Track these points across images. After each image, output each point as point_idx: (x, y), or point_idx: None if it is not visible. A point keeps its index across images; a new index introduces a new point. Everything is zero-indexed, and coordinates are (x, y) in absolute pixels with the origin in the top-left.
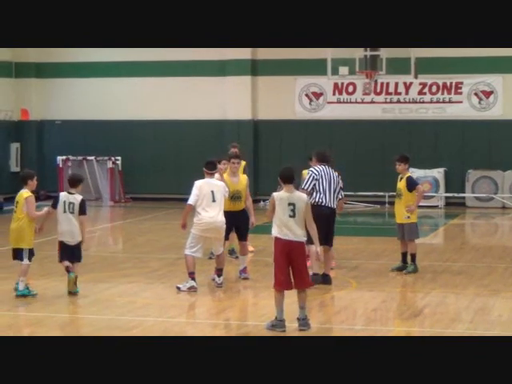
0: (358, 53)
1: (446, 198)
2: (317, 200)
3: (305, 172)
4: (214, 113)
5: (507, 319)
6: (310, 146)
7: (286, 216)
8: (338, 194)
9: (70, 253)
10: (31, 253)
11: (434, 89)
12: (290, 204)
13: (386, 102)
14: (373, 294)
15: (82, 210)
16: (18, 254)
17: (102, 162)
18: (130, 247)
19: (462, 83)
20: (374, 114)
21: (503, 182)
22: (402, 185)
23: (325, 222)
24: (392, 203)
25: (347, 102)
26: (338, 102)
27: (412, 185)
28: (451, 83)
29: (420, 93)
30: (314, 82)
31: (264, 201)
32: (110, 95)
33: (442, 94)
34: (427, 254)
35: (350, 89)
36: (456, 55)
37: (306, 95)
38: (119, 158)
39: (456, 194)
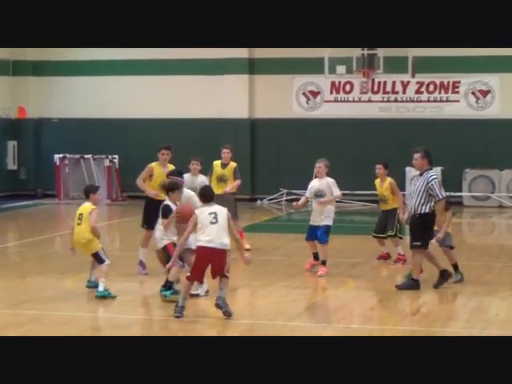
0: (355, 52)
1: None
2: None
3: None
4: (212, 111)
5: (504, 318)
6: (307, 144)
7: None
8: None
9: None
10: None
11: (432, 88)
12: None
13: (383, 101)
14: (370, 293)
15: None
16: (97, 258)
17: (99, 161)
18: (127, 245)
19: (459, 82)
20: (371, 113)
21: (500, 181)
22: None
23: None
24: None
25: (344, 101)
26: (336, 100)
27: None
28: (448, 82)
29: (417, 92)
30: (311, 80)
31: (261, 199)
32: (107, 93)
33: (440, 93)
34: None
35: (348, 88)
36: (453, 54)
37: (304, 94)
38: (116, 156)
39: (453, 193)
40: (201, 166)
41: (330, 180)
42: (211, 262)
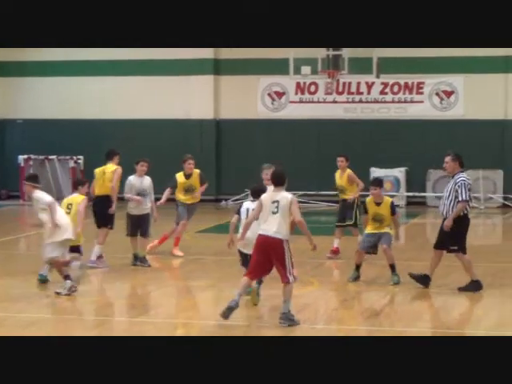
0: (320, 52)
1: (407, 197)
2: None
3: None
4: (177, 112)
5: (468, 318)
6: (273, 145)
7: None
8: None
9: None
10: None
11: (396, 88)
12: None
13: (347, 102)
14: (334, 293)
15: None
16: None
17: (63, 162)
18: (91, 247)
19: (423, 83)
20: (336, 114)
21: None
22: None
23: None
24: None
25: (309, 102)
26: (301, 101)
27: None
28: (413, 83)
29: (382, 92)
30: (276, 81)
31: (226, 200)
32: (72, 94)
33: (404, 93)
34: None
35: (312, 88)
36: (418, 55)
37: (269, 95)
38: (81, 157)
39: (417, 194)
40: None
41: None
42: (269, 252)
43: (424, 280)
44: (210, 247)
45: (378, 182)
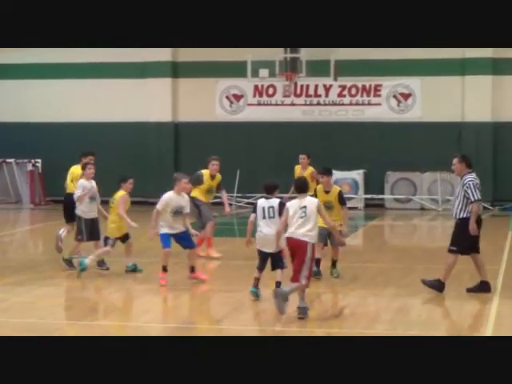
0: (278, 55)
1: (366, 199)
2: None
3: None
4: (135, 115)
5: (426, 319)
6: (231, 147)
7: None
8: None
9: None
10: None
11: (354, 91)
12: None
13: (306, 105)
14: (293, 295)
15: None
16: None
17: (21, 165)
18: (50, 250)
19: (381, 85)
20: (294, 116)
21: (422, 183)
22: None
23: None
24: None
25: (267, 104)
26: (259, 104)
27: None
28: (370, 85)
29: (339, 95)
30: (234, 84)
31: None
32: (30, 97)
33: (362, 96)
34: (347, 255)
35: (271, 91)
36: (375, 58)
37: (227, 97)
38: (39, 160)
39: (375, 196)
40: None
41: (188, 198)
42: (295, 253)
43: (485, 287)
44: None
45: (327, 171)
